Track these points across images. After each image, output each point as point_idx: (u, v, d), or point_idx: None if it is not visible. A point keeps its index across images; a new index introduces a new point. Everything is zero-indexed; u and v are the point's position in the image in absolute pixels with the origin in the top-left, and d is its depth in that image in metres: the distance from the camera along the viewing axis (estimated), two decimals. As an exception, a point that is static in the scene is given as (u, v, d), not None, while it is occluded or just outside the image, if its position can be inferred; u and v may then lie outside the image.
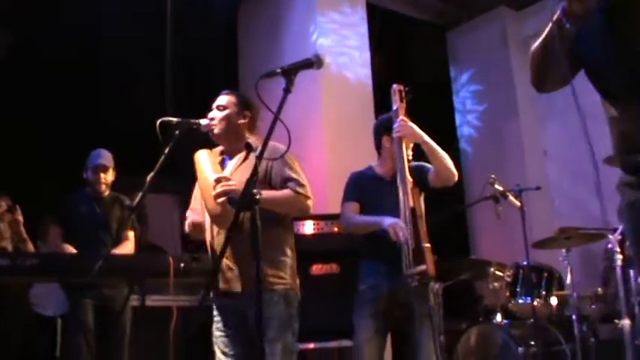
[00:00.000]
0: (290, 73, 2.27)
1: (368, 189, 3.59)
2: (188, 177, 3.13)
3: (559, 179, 6.94)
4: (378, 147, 3.69)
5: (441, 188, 3.48)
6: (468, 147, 7.60)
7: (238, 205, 2.07)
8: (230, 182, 2.72)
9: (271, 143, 2.33)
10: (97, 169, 4.41)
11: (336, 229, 4.56)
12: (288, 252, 2.95)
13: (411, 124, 3.40)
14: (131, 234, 4.41)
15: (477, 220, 7.26)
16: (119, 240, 4.33)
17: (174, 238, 6.18)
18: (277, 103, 2.22)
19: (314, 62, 2.35)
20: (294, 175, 2.90)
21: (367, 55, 6.41)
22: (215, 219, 2.81)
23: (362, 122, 5.60)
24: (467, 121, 7.67)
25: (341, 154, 5.76)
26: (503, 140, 7.26)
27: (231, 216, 2.66)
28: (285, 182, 2.89)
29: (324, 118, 5.96)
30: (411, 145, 3.52)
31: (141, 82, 5.89)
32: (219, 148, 3.16)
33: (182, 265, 3.74)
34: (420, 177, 3.46)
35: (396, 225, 3.23)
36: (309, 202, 2.90)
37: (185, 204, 3.24)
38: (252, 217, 2.03)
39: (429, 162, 3.47)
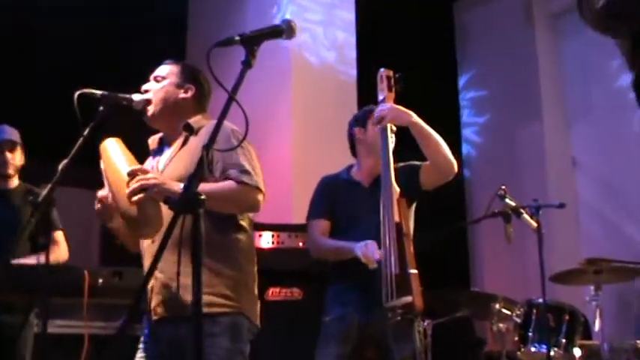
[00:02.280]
0: (252, 42, 2.27)
1: (341, 199, 3.64)
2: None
3: (590, 195, 6.92)
4: (352, 147, 3.77)
5: (437, 193, 3.55)
6: (473, 151, 7.68)
7: (177, 206, 2.07)
8: (149, 175, 2.70)
9: (225, 123, 2.33)
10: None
11: (300, 243, 4.60)
12: (243, 264, 2.94)
13: (392, 105, 3.46)
14: (60, 234, 4.41)
15: (480, 243, 7.34)
16: (42, 245, 4.30)
17: (92, 246, 6.14)
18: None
19: (283, 30, 2.36)
20: (240, 161, 2.87)
21: (352, 32, 6.49)
22: (130, 224, 2.77)
23: (340, 115, 5.50)
24: (473, 119, 7.74)
25: (311, 152, 5.83)
26: (519, 143, 7.33)
27: (152, 220, 2.70)
28: (225, 170, 2.86)
29: (294, 106, 6.03)
30: (394, 128, 3.56)
31: (55, 48, 5.92)
32: (157, 136, 3.17)
33: (100, 281, 3.76)
34: (409, 180, 3.51)
35: (365, 247, 3.27)
36: (259, 197, 2.87)
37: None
38: (194, 223, 2.04)
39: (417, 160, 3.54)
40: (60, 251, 4.34)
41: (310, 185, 3.83)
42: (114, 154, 2.87)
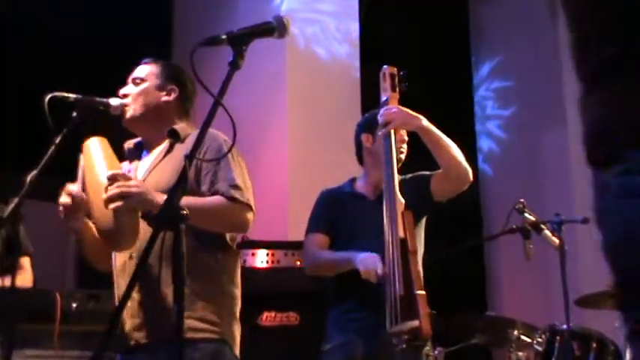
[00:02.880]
0: (240, 41, 2.28)
1: (343, 214, 3.66)
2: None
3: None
4: (360, 155, 3.78)
5: (450, 205, 3.57)
6: (489, 161, 7.67)
7: (157, 221, 2.06)
8: (130, 182, 2.70)
9: (210, 131, 2.35)
10: None
11: (298, 262, 4.61)
12: (228, 287, 2.95)
13: (400, 107, 3.47)
14: (26, 261, 4.40)
15: (497, 262, 7.34)
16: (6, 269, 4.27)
17: (66, 265, 6.10)
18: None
19: (274, 27, 2.37)
20: (232, 174, 2.88)
21: (355, 26, 6.48)
22: (106, 236, 2.77)
23: (343, 120, 5.64)
24: (489, 127, 7.74)
25: (310, 163, 5.84)
26: (540, 151, 7.35)
27: (128, 232, 2.70)
28: (213, 184, 2.86)
29: (290, 112, 6.03)
30: (405, 136, 3.58)
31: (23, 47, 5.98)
32: (135, 140, 3.18)
33: (74, 305, 3.75)
34: (418, 191, 3.53)
35: (367, 259, 3.28)
36: (250, 215, 2.88)
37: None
38: (175, 240, 2.02)
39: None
40: (24, 279, 4.32)
41: (309, 199, 3.85)
42: (96, 154, 2.87)
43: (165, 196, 2.52)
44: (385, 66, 3.57)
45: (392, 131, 3.47)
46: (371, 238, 3.45)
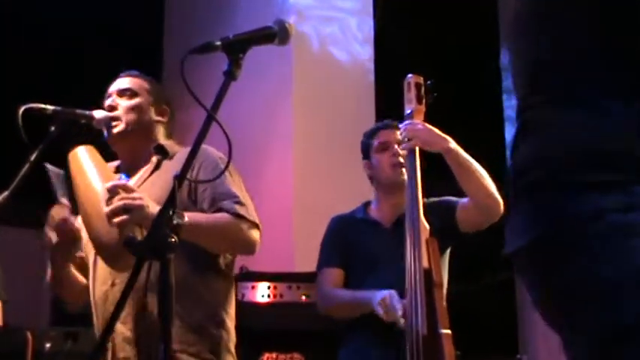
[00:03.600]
0: (236, 48, 2.28)
1: (357, 243, 3.65)
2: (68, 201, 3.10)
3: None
4: (371, 176, 3.79)
5: (478, 236, 3.54)
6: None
7: (141, 250, 2.05)
8: (135, 195, 2.68)
9: (203, 148, 2.37)
10: None
11: (303, 297, 4.60)
12: (224, 319, 2.96)
13: (426, 125, 3.46)
14: None
15: (530, 298, 7.24)
16: None
17: (39, 300, 6.08)
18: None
19: (275, 33, 2.37)
20: (233, 190, 2.90)
21: (369, 25, 6.49)
22: (106, 254, 2.76)
23: (355, 133, 5.57)
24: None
25: (318, 182, 5.82)
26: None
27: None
28: (216, 201, 2.87)
29: (295, 123, 6.01)
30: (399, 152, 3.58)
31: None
32: (113, 164, 3.17)
33: (47, 345, 3.76)
34: (443, 219, 3.51)
35: (386, 299, 3.27)
36: (256, 234, 2.90)
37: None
38: (162, 271, 2.02)
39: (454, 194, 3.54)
40: None
41: (316, 224, 3.87)
42: (87, 165, 2.86)
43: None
44: (410, 75, 3.56)
45: (417, 149, 3.45)
46: (389, 270, 3.45)
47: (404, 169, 3.57)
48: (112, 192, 2.66)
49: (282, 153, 6.00)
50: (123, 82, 3.14)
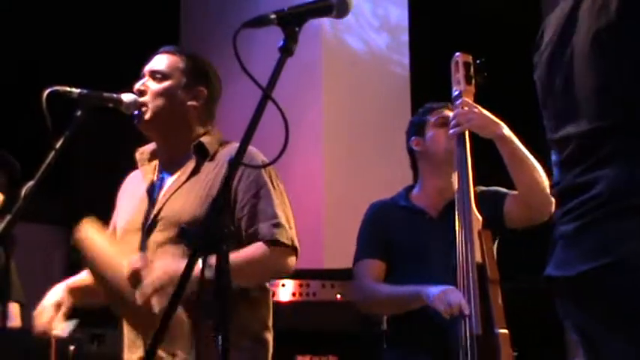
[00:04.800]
0: (292, 21, 2.21)
1: (400, 233, 3.58)
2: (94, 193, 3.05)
3: None
4: (415, 167, 3.73)
5: (529, 230, 3.47)
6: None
7: (196, 242, 2.01)
8: (159, 274, 2.66)
9: (249, 149, 2.31)
10: None
11: (338, 295, 4.50)
12: (260, 333, 2.95)
13: (480, 109, 3.41)
14: (15, 308, 4.40)
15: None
16: None
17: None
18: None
19: (332, 5, 2.31)
20: (274, 209, 2.87)
21: (404, 12, 6.47)
22: (143, 330, 2.78)
23: (390, 123, 5.63)
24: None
25: (349, 174, 5.77)
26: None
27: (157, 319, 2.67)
28: (254, 222, 2.85)
29: (326, 113, 5.97)
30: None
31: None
32: (148, 148, 3.11)
33: (72, 348, 3.65)
34: (492, 210, 3.45)
35: (446, 295, 3.19)
36: (293, 259, 2.90)
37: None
38: (218, 264, 1.97)
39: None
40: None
41: (348, 217, 3.89)
42: (98, 244, 2.86)
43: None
44: (457, 53, 3.52)
45: (466, 134, 3.41)
46: (436, 264, 3.39)
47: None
48: (133, 275, 2.68)
49: (312, 145, 5.97)
50: (156, 62, 3.07)
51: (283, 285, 4.53)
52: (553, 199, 3.36)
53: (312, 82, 6.02)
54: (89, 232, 2.87)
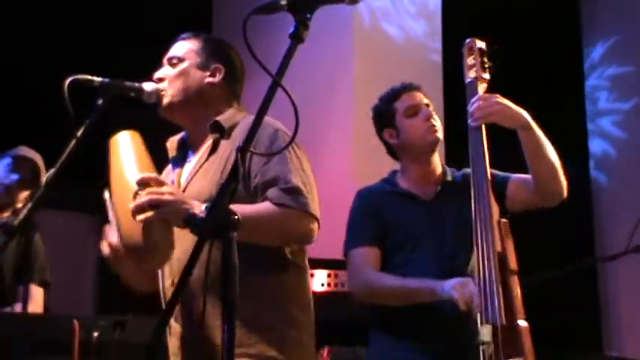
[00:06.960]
0: (303, 7, 2.24)
1: (395, 220, 3.59)
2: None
3: None
4: (390, 151, 3.77)
5: (559, 218, 3.69)
6: (603, 167, 7.54)
7: (202, 228, 2.04)
8: (164, 189, 2.67)
9: (265, 119, 2.32)
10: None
11: None
12: (294, 314, 2.93)
13: (500, 98, 3.39)
14: (38, 291, 4.43)
15: (616, 289, 7.25)
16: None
17: (85, 287, 6.14)
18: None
19: None
20: (287, 174, 2.84)
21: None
22: (132, 252, 2.74)
23: None
24: (603, 125, 7.68)
25: (379, 161, 5.71)
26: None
27: (158, 249, 2.69)
28: (267, 186, 2.83)
29: (356, 101, 5.96)
30: (432, 111, 3.57)
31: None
32: (178, 137, 3.17)
33: (95, 334, 3.72)
34: (493, 192, 3.43)
35: (462, 286, 3.21)
36: (311, 225, 2.84)
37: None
38: (225, 251, 2.00)
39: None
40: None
41: None
42: (124, 153, 2.84)
43: (204, 206, 2.55)
44: (469, 39, 3.53)
45: (483, 125, 3.40)
46: (432, 250, 3.45)
47: (440, 130, 3.57)
48: (142, 185, 2.66)
49: (342, 131, 6.00)
50: (172, 49, 3.12)
51: (312, 275, 4.54)
52: (565, 187, 3.42)
53: (343, 69, 6.06)
54: (121, 137, 2.88)
